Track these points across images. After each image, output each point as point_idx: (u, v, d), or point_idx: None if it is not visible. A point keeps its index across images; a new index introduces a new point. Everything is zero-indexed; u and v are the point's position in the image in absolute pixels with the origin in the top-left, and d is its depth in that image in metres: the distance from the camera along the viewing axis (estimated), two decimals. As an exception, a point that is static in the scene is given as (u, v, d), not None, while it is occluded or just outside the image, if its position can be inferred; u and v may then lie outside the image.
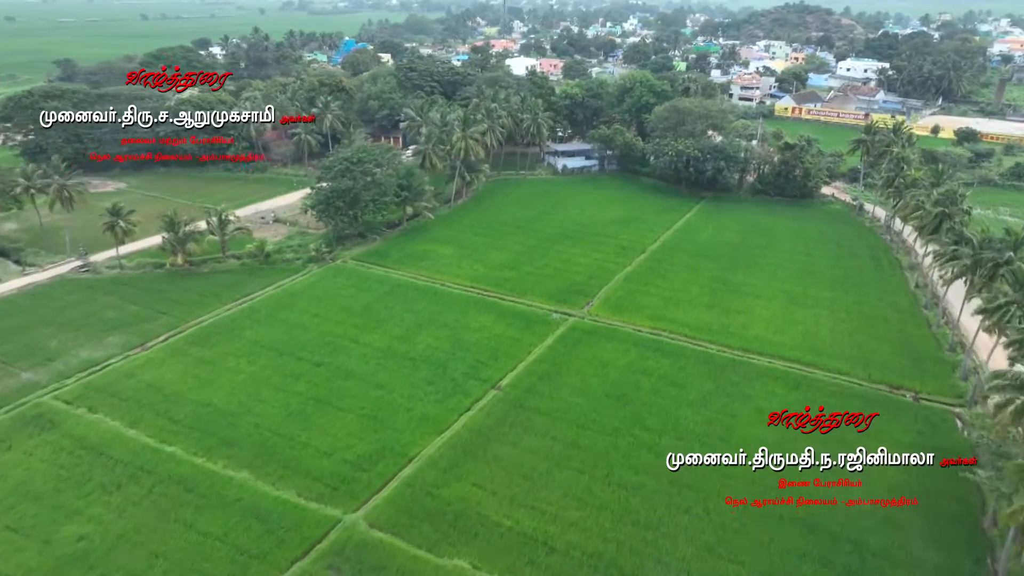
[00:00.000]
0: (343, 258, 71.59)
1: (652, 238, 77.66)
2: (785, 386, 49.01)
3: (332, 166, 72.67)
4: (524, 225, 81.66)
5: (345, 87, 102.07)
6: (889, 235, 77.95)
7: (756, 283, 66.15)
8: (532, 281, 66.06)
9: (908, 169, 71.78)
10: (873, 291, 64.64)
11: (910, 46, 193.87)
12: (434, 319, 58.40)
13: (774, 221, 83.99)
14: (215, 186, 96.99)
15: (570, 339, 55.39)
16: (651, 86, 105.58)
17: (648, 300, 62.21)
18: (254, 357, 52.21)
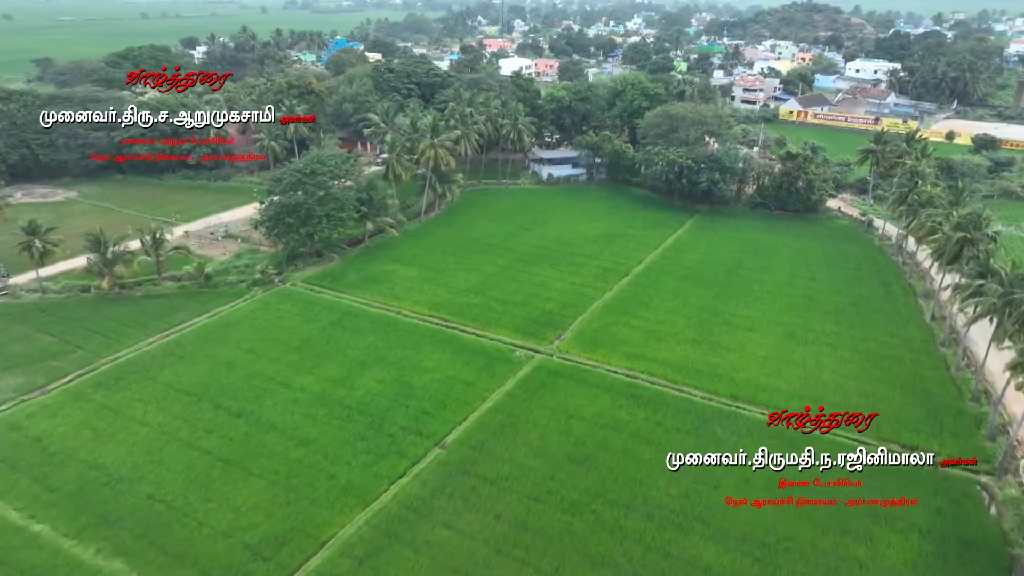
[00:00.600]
0: (293, 280, 64.73)
1: (638, 258, 70.39)
2: (778, 445, 41.59)
3: (282, 178, 65.84)
4: (498, 242, 74.53)
5: (314, 89, 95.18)
6: (901, 256, 70.41)
7: (750, 314, 58.81)
8: (499, 309, 58.97)
9: (923, 184, 64.24)
10: (883, 324, 57.20)
11: (923, 46, 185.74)
12: (381, 356, 51.38)
13: (774, 239, 76.51)
14: (173, 196, 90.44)
15: (534, 383, 48.24)
16: (644, 89, 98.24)
17: (627, 334, 54.98)
18: (166, 404, 45.37)
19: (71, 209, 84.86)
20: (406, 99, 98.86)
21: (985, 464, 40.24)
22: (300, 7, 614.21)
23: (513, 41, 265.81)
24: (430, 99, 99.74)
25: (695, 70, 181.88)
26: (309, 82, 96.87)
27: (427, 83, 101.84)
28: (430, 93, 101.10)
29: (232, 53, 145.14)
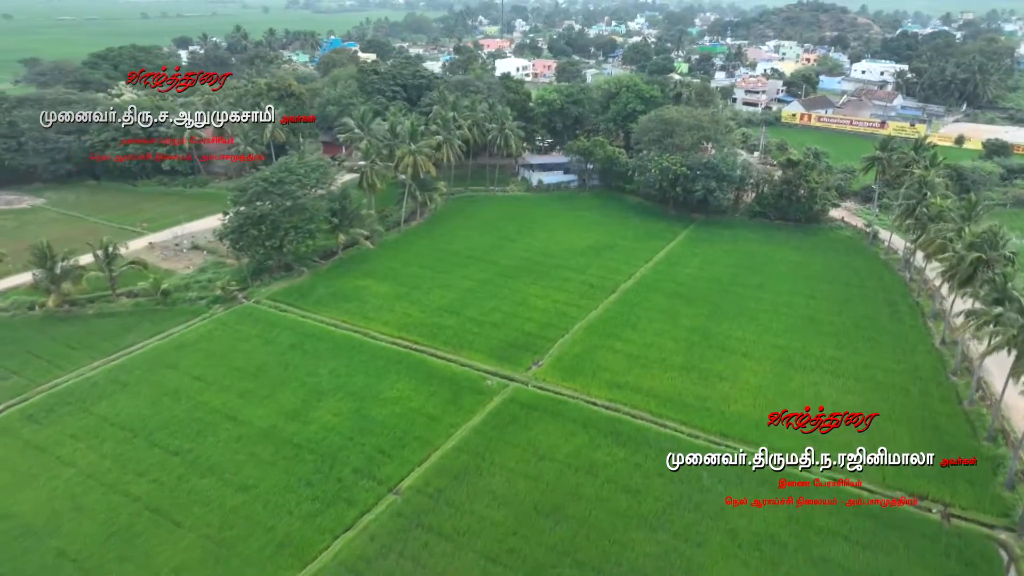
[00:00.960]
0: (258, 296, 60.69)
1: (627, 273, 66.07)
2: (772, 495, 37.36)
3: (247, 187, 61.75)
4: (480, 255, 70.33)
5: (294, 91, 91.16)
6: (908, 271, 65.90)
7: (745, 336, 54.46)
8: (474, 331, 54.79)
9: (932, 196, 59.73)
10: (888, 349, 52.77)
11: (931, 47, 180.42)
12: (341, 385, 47.27)
13: (773, 252, 72.05)
14: (145, 203, 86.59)
15: (504, 416, 44.04)
16: (639, 91, 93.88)
17: (610, 359, 50.71)
18: (99, 440, 41.38)
19: (36, 217, 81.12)
20: (391, 102, 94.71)
21: (1003, 518, 35.88)
22: (302, 7, 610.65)
23: (512, 41, 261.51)
24: (416, 102, 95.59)
25: (696, 71, 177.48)
26: (289, 84, 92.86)
27: (413, 85, 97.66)
28: (416, 96, 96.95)
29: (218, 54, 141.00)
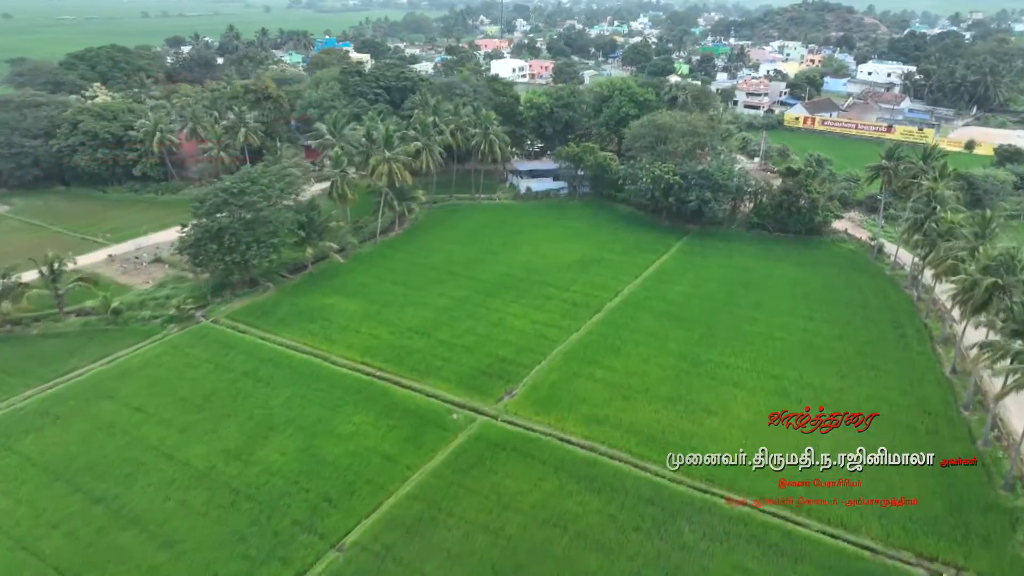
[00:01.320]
0: (217, 315, 56.75)
1: (614, 290, 61.86)
2: (759, 554, 33.16)
3: (206, 198, 57.80)
4: (459, 269, 66.24)
5: (271, 94, 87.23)
6: (915, 290, 61.49)
7: (738, 363, 50.17)
8: (444, 355, 50.69)
9: (942, 210, 55.35)
10: (894, 378, 48.40)
11: (939, 47, 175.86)
12: (293, 418, 43.24)
13: (771, 268, 67.71)
14: (114, 211, 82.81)
15: (468, 457, 39.91)
16: (632, 95, 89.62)
17: (590, 390, 46.54)
18: (16, 484, 37.50)
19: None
20: (373, 105, 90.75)
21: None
22: (304, 6, 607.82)
23: (510, 41, 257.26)
24: (399, 105, 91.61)
25: (697, 72, 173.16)
26: (266, 86, 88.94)
27: (397, 88, 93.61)
28: (400, 99, 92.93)
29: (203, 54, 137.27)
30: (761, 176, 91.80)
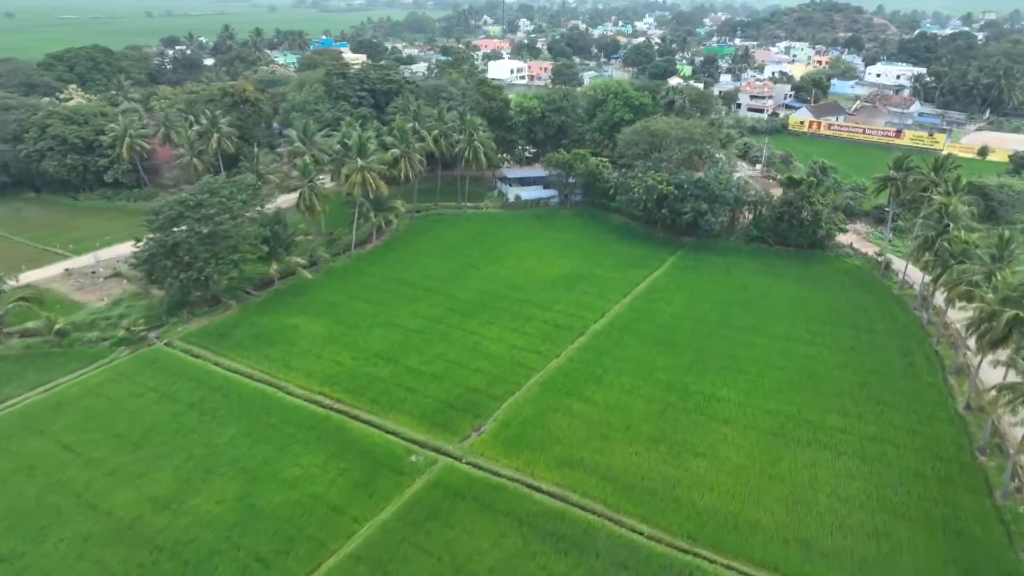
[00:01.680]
0: (172, 336, 52.84)
1: (600, 310, 57.63)
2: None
3: (161, 211, 53.89)
4: (436, 286, 62.15)
5: (249, 98, 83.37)
6: (926, 312, 56.97)
7: (730, 395, 45.90)
8: (410, 385, 46.61)
9: (955, 228, 50.87)
10: (901, 414, 44.02)
11: (951, 48, 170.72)
12: (236, 459, 39.26)
13: (770, 284, 63.30)
14: (83, 219, 79.23)
15: (424, 508, 35.80)
16: (627, 99, 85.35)
17: (566, 426, 42.37)
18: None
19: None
20: (356, 108, 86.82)
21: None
22: (309, 5, 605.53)
23: (511, 42, 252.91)
24: (383, 108, 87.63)
25: (700, 74, 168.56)
26: (244, 89, 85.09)
27: (382, 91, 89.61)
28: (386, 102, 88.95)
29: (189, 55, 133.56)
30: (762, 184, 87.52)
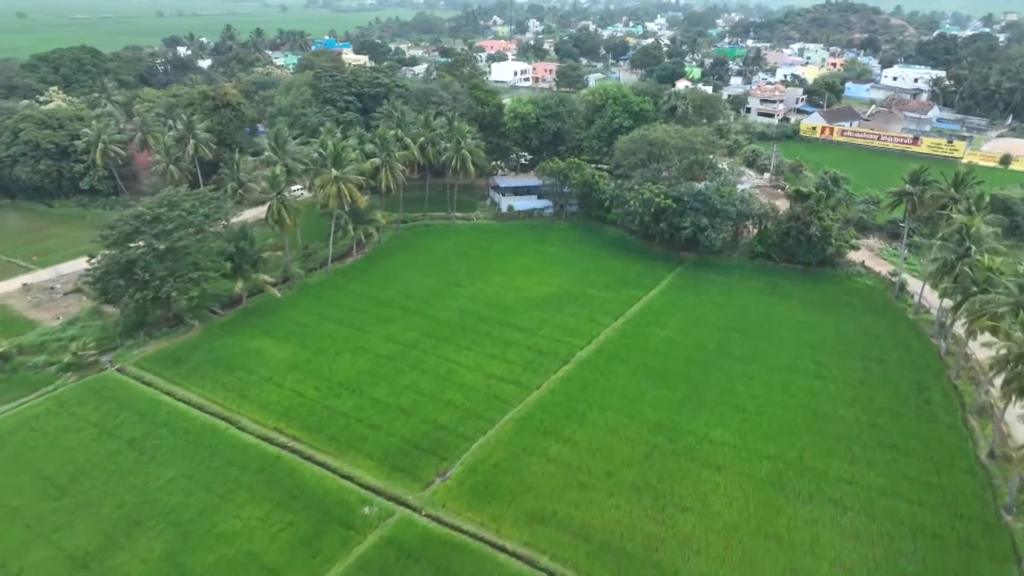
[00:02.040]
0: (126, 361, 49.21)
1: (588, 335, 53.36)
2: None
3: (116, 225, 50.32)
4: (415, 305, 58.15)
5: (230, 102, 79.82)
6: (944, 340, 52.19)
7: (725, 436, 41.53)
8: (373, 421, 42.65)
9: (978, 251, 46.14)
10: (916, 462, 39.47)
11: (971, 51, 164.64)
12: (170, 509, 35.43)
13: (774, 307, 58.74)
14: (57, 227, 76.03)
15: (373, 569, 31.79)
16: (627, 104, 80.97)
17: (540, 472, 38.22)
18: None
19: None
20: (342, 113, 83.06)
21: None
22: (321, 5, 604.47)
23: (517, 42, 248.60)
24: (371, 112, 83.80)
25: (710, 76, 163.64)
26: (225, 92, 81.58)
27: (370, 95, 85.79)
28: (374, 106, 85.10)
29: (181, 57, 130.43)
30: (770, 195, 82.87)
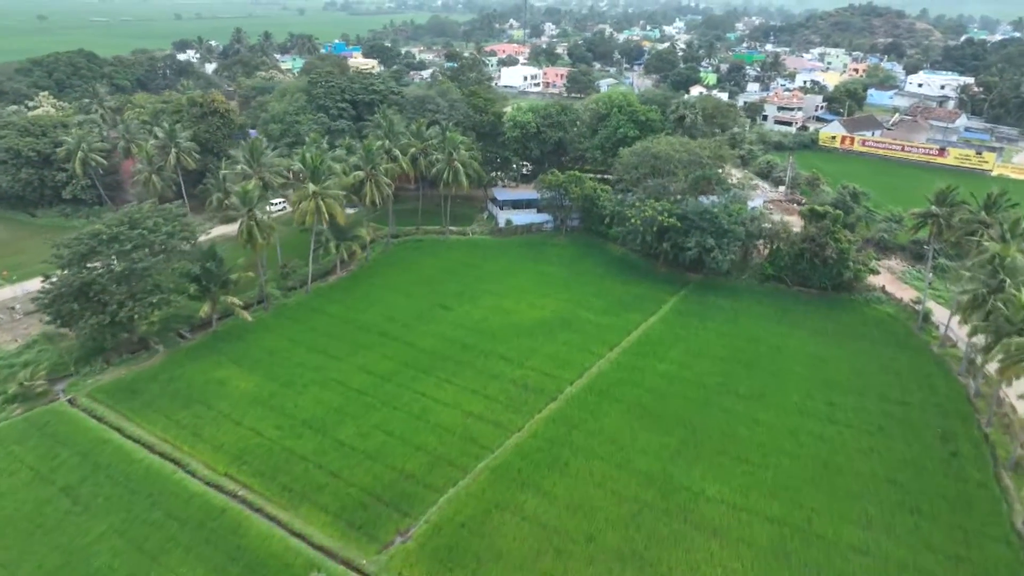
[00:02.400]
0: (79, 390, 45.79)
1: (580, 367, 49.05)
2: None
3: (71, 245, 46.97)
4: (396, 331, 54.21)
5: (218, 109, 76.61)
6: (974, 380, 47.19)
7: (723, 493, 37.04)
8: (335, 466, 38.74)
9: (1013, 285, 41.18)
10: (941, 531, 34.70)
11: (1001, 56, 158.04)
12: (93, 571, 31.67)
13: (784, 338, 53.97)
14: (38, 238, 72.59)
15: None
16: (632, 113, 76.48)
17: (513, 535, 34.01)
18: None
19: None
20: (334, 121, 79.58)
21: None
22: (339, 8, 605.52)
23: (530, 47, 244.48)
24: (364, 120, 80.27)
25: (726, 82, 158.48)
26: (214, 99, 78.40)
27: (364, 102, 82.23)
28: (368, 113, 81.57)
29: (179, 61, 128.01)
30: (784, 209, 78.08)
